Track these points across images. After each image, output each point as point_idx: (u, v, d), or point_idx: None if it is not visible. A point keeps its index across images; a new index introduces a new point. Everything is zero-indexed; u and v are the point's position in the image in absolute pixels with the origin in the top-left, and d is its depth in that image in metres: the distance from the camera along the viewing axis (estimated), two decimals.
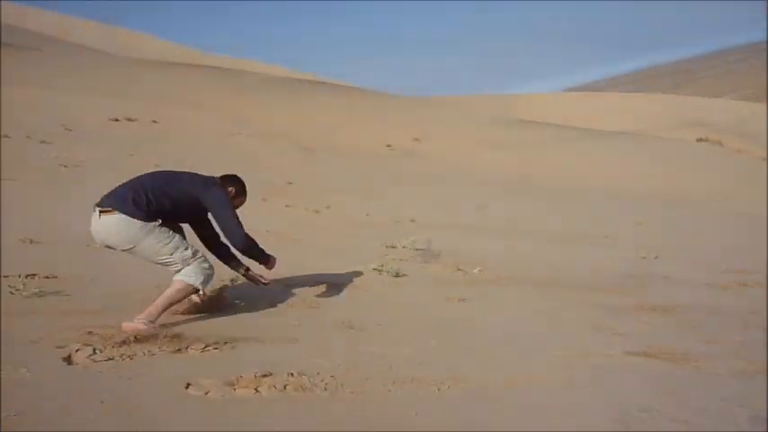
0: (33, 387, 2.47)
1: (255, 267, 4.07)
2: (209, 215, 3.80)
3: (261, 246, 3.91)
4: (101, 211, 3.44)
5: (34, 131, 12.51)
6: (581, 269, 6.82)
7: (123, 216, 3.40)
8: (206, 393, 2.56)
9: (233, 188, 3.92)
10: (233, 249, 3.85)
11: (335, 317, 4.03)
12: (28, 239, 5.29)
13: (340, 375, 2.90)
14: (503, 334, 4.03)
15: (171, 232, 3.56)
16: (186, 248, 3.56)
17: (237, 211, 3.88)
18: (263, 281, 4.00)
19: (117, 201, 3.46)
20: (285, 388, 2.68)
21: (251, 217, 8.50)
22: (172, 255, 3.50)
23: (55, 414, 2.25)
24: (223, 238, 3.83)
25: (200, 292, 3.60)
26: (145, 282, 4.32)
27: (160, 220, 3.54)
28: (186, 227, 3.87)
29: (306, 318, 3.93)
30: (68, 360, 2.80)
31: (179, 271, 3.51)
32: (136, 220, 3.41)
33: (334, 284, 4.83)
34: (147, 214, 3.45)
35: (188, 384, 2.62)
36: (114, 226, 3.41)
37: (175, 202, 3.59)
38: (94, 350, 2.91)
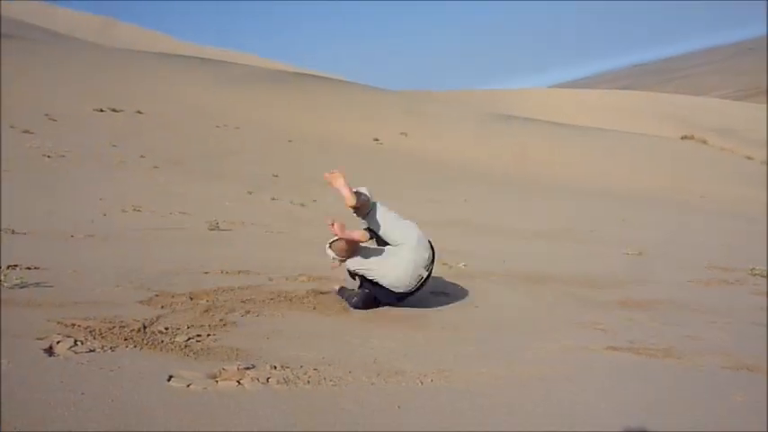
0: (13, 378, 2.44)
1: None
2: None
3: None
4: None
5: (17, 121, 12.33)
6: (566, 265, 6.87)
7: None
8: (188, 386, 2.55)
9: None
10: None
11: (319, 310, 4.03)
12: (10, 230, 5.22)
13: (323, 368, 2.90)
14: (487, 328, 4.05)
15: None
16: None
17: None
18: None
19: None
20: (268, 381, 2.67)
21: (236, 209, 8.51)
22: None
23: (35, 406, 2.23)
24: None
25: None
26: (126, 273, 4.28)
27: None
28: None
29: (290, 311, 3.92)
30: (49, 351, 2.76)
31: None
32: None
33: (318, 278, 4.83)
34: None
35: (170, 377, 2.60)
36: None
37: None
38: (76, 342, 2.87)
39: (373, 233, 4.13)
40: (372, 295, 4.09)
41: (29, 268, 4.13)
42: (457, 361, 3.26)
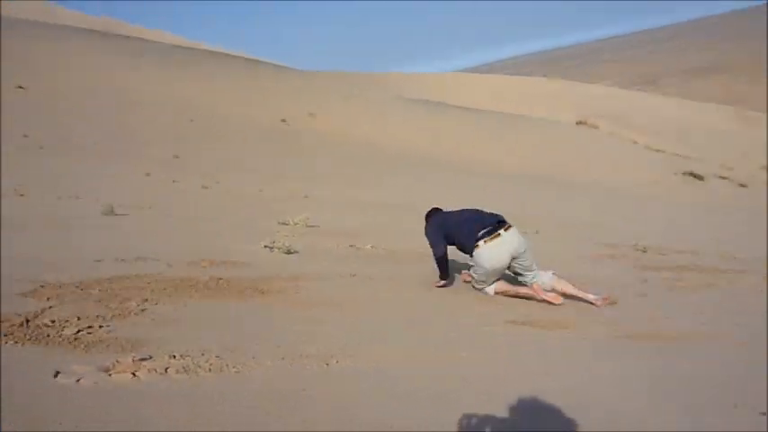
0: None
1: None
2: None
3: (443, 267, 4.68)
4: (506, 228, 4.52)
5: None
6: None
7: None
8: (78, 381, 2.39)
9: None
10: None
11: (224, 295, 3.91)
12: None
13: (226, 355, 2.82)
14: (395, 309, 4.11)
15: None
16: None
17: None
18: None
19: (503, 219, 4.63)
20: (166, 371, 2.56)
21: (133, 192, 8.06)
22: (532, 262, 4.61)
23: None
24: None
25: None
26: (6, 264, 3.95)
27: None
28: None
29: (191, 298, 3.78)
30: None
31: (533, 277, 4.58)
32: None
33: (222, 263, 4.68)
34: None
35: (57, 372, 2.43)
36: (519, 236, 4.57)
37: None
38: None
39: None
40: None
41: None
42: (363, 342, 3.28)
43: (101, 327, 3.04)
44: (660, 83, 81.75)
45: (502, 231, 4.48)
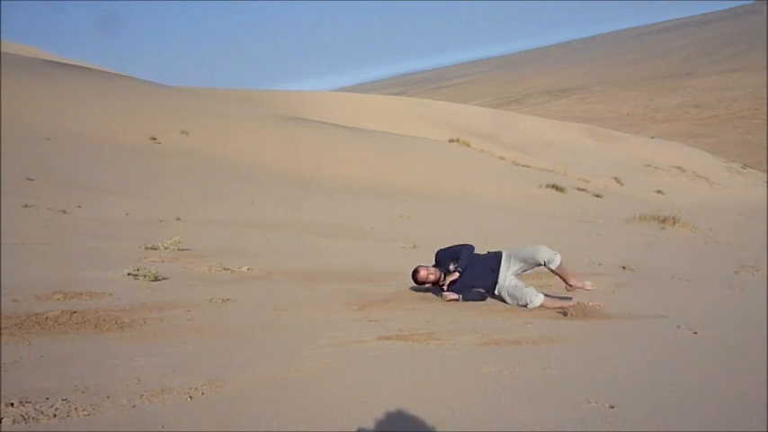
0: None
1: None
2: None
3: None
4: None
5: None
6: (347, 261, 7.14)
7: None
8: None
9: None
10: None
11: (77, 330, 3.60)
12: None
13: (75, 397, 2.58)
14: (265, 330, 4.00)
15: None
16: None
17: None
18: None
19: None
20: (0, 422, 2.29)
21: None
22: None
23: None
24: None
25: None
26: None
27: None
28: None
29: (38, 336, 3.43)
30: None
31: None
32: None
33: (78, 295, 4.31)
34: None
35: None
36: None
37: None
38: None
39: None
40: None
41: None
42: (231, 368, 3.16)
43: None
44: (525, 102, 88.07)
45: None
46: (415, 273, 5.31)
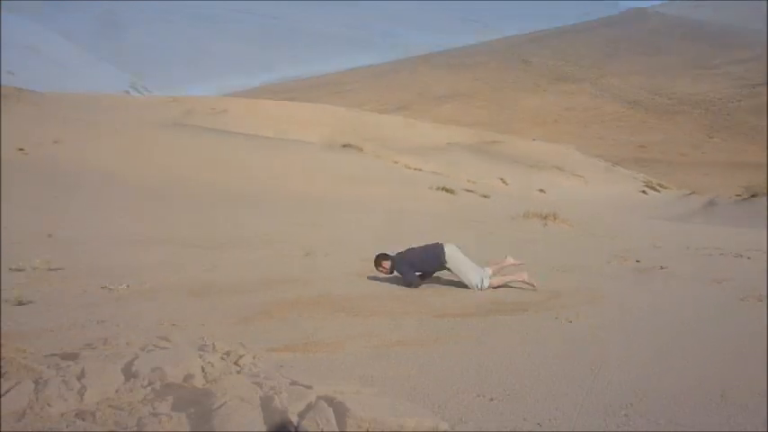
0: None
1: None
2: None
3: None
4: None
5: None
6: (235, 272, 6.90)
7: None
8: None
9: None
10: None
11: None
12: None
13: None
14: (144, 352, 3.75)
15: None
16: None
17: None
18: None
19: None
20: None
21: None
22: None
23: None
24: None
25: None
26: None
27: None
28: None
29: None
30: None
31: None
32: None
33: None
34: None
35: None
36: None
37: None
38: None
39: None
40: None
41: None
42: (99, 407, 2.92)
43: None
44: (413, 108, 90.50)
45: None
46: (376, 260, 6.45)
